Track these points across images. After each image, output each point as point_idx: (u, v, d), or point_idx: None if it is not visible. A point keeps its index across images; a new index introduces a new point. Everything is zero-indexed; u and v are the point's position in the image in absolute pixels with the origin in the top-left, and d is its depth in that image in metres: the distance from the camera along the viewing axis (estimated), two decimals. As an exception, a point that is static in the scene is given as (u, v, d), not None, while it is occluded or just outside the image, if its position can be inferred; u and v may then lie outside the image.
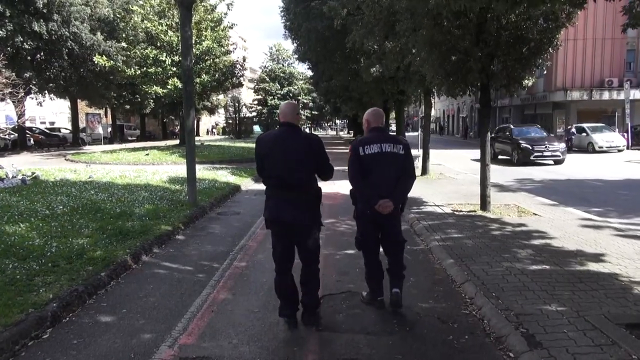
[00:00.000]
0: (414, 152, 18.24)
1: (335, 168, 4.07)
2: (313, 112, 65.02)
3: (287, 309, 3.87)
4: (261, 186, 12.44)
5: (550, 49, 7.61)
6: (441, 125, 57.43)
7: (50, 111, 48.83)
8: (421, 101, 17.50)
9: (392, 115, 33.94)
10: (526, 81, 7.94)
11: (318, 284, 3.96)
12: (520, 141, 18.12)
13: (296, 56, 27.03)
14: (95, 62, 24.42)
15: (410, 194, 10.74)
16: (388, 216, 4.05)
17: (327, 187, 11.66)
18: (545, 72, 30.33)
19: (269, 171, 3.69)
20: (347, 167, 4.19)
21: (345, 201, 9.87)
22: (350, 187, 4.25)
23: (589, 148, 24.14)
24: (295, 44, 22.89)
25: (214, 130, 64.17)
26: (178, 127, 41.68)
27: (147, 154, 21.37)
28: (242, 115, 49.59)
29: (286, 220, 3.66)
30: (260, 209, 9.00)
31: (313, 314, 3.95)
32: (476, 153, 9.51)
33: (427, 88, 12.96)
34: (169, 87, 22.90)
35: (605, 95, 29.95)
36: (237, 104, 47.35)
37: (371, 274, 4.26)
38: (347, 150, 4.59)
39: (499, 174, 13.90)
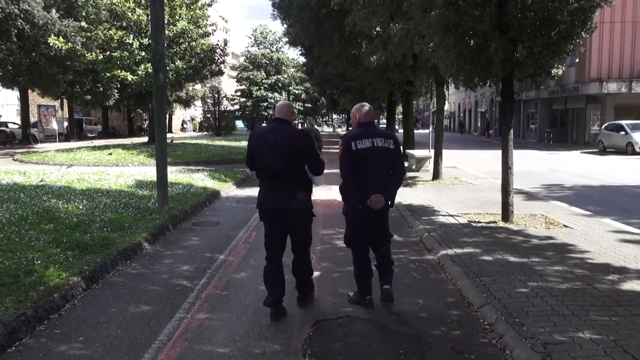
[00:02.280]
0: (424, 153, 18.22)
1: (331, 171, 4.11)
2: (306, 105, 65.06)
3: (272, 296, 4.57)
4: (244, 192, 12.56)
5: (583, 32, 7.67)
6: (461, 122, 57.47)
7: (-5, 102, 48.61)
8: (433, 93, 17.57)
9: (400, 109, 34.01)
10: (555, 70, 7.99)
11: (311, 271, 4.89)
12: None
13: (286, 40, 27.09)
14: (50, 45, 24.33)
15: (420, 202, 10.72)
16: (378, 211, 4.67)
17: (322, 193, 11.79)
18: (577, 60, 30.70)
19: (259, 163, 4.52)
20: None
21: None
22: (341, 184, 4.85)
23: (627, 149, 24.36)
24: (285, 25, 22.90)
25: (185, 125, 64.04)
26: (147, 122, 41.59)
27: (111, 154, 21.31)
28: (223, 109, 49.53)
29: (275, 207, 4.48)
30: (243, 218, 9.13)
31: (306, 298, 4.86)
32: (498, 154, 9.58)
33: (440, 78, 13.05)
34: (138, 73, 22.87)
35: (648, 88, 30.23)
36: (216, 96, 47.32)
37: (360, 271, 4.86)
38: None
39: (523, 179, 13.97)
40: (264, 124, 5.14)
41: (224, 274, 5.89)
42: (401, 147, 4.88)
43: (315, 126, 20.00)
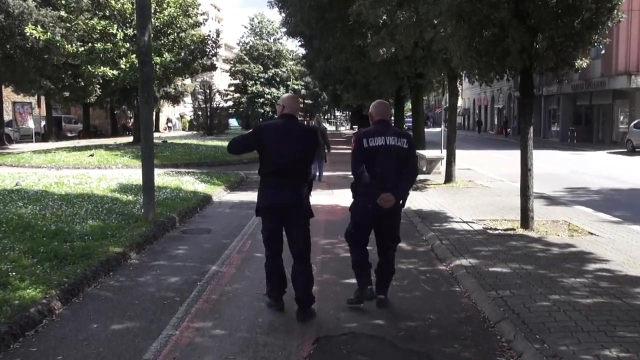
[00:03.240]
0: (435, 153, 18.20)
1: (333, 173, 4.14)
2: (306, 102, 65.18)
3: (275, 291, 5.05)
4: (238, 197, 12.57)
5: (609, 22, 7.68)
6: (478, 120, 57.16)
7: (-34, 99, 48.75)
8: (445, 88, 17.59)
9: (409, 105, 34.01)
10: (579, 62, 8.00)
11: (312, 280, 5.04)
12: None
13: (284, 30, 27.19)
14: (27, 36, 24.36)
15: (431, 207, 10.74)
16: (389, 210, 5.02)
17: (323, 198, 11.80)
18: (603, 51, 30.74)
19: (270, 160, 4.85)
20: (349, 167, 5.14)
21: (347, 217, 9.85)
22: (352, 181, 5.26)
23: (659, 149, 24.36)
24: (283, 15, 23.01)
25: (170, 124, 63.95)
26: (132, 120, 41.67)
27: (92, 155, 21.34)
28: (215, 105, 49.59)
29: (283, 203, 4.80)
30: (237, 225, 9.14)
31: (307, 311, 4.91)
32: (517, 155, 9.59)
33: (453, 71, 13.06)
34: (121, 66, 22.91)
35: (681, 82, 30.20)
36: (208, 91, 47.40)
37: (359, 263, 5.21)
38: (349, 151, 5.18)
39: (545, 182, 13.96)
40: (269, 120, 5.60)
41: (216, 286, 5.89)
42: (415, 147, 5.31)
43: (323, 124, 20.16)
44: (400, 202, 5.13)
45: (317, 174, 17.11)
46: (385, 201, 4.95)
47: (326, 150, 16.04)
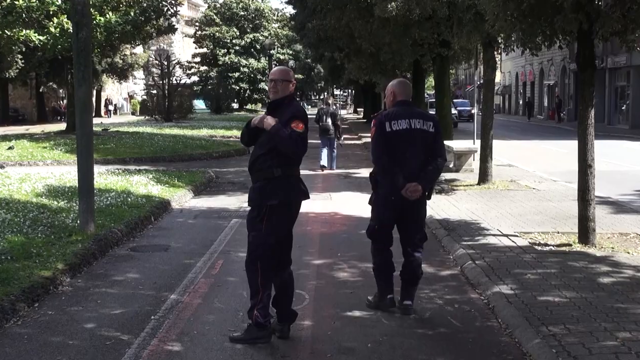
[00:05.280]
0: (466, 145, 18.22)
1: (333, 172, 4.14)
2: (296, 76, 65.20)
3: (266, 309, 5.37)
4: (206, 202, 12.55)
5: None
6: (529, 101, 56.60)
7: None
8: (478, 59, 17.58)
9: (431, 82, 33.97)
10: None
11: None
12: None
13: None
14: None
15: (460, 215, 10.80)
16: (414, 203, 5.67)
17: (320, 205, 11.75)
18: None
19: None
20: (350, 163, 5.46)
21: (348, 229, 9.90)
22: (371, 170, 6.01)
23: None
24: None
25: (110, 107, 63.58)
26: (64, 101, 41.61)
27: (12, 147, 21.27)
28: (176, 82, 49.48)
29: (304, 197, 5.45)
30: (204, 240, 9.14)
31: (287, 320, 5.46)
32: (573, 147, 9.60)
33: (488, 36, 13.05)
34: (50, 30, 22.82)
35: None
36: (166, 63, 47.30)
37: (381, 267, 5.91)
38: (353, 142, 5.09)
39: (611, 182, 13.99)
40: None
41: (176, 321, 5.86)
42: (441, 131, 6.04)
43: (334, 106, 20.48)
44: (427, 193, 5.80)
45: (325, 163, 17.39)
46: (412, 192, 5.57)
47: (338, 137, 16.49)
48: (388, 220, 5.88)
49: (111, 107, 64.64)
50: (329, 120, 18.10)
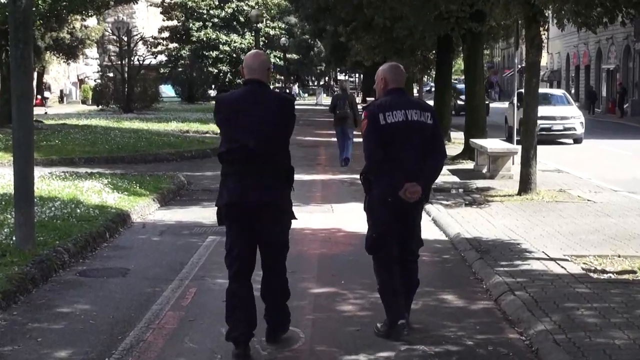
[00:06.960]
0: (503, 145, 18.25)
1: (334, 177, 4.14)
2: (290, 56, 65.31)
3: (238, 329, 5.62)
4: (175, 215, 12.55)
5: None
6: (592, 90, 55.82)
7: None
8: (519, 36, 17.59)
9: (459, 65, 34.10)
10: None
11: (288, 293, 6.06)
12: None
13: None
14: None
15: (497, 234, 10.85)
16: (412, 205, 5.99)
17: (319, 218, 11.71)
18: None
19: (230, 140, 5.66)
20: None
21: (354, 249, 9.83)
22: (363, 170, 6.24)
23: None
24: None
25: (47, 95, 62.62)
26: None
27: None
28: (138, 62, 49.57)
29: (252, 202, 5.57)
30: (172, 263, 9.12)
31: (280, 330, 5.99)
32: (638, 148, 9.58)
33: (532, 8, 13.07)
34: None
35: None
36: (125, 39, 47.40)
37: (387, 287, 6.06)
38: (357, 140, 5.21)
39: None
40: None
41: (136, 366, 5.84)
42: (438, 122, 6.42)
43: (350, 91, 21.15)
44: (424, 195, 6.14)
45: (344, 156, 17.92)
46: (411, 193, 5.87)
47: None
48: (388, 223, 6.07)
49: (47, 94, 62.57)
50: (347, 108, 18.76)
